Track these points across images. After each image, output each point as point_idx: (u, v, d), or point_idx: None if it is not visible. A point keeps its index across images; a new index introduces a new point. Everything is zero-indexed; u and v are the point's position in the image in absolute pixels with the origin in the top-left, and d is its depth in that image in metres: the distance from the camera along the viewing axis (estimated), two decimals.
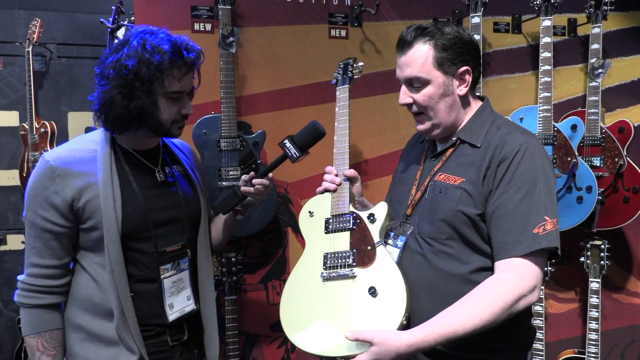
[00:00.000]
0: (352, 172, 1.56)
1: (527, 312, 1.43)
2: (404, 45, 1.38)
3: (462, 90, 1.38)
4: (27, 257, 1.39)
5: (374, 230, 1.46)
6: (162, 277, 1.43)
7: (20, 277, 1.40)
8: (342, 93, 1.76)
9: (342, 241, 1.49)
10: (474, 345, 1.33)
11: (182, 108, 1.41)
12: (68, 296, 1.43)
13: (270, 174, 1.56)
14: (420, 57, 1.35)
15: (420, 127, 1.43)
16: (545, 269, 2.44)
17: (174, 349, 1.48)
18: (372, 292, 1.35)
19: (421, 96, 1.37)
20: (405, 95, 1.41)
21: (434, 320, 1.24)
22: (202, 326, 1.57)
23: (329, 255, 1.47)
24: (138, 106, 1.33)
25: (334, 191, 1.56)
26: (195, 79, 1.45)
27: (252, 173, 1.56)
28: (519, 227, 1.26)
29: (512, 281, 1.24)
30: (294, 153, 1.51)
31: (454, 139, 1.42)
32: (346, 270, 1.42)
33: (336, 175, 1.57)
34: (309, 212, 1.59)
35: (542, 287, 2.52)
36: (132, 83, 1.32)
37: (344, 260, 1.44)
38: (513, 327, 1.34)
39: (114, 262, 1.35)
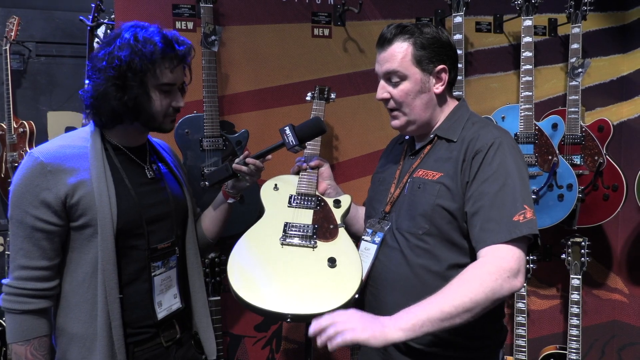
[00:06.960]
0: (316, 163, 1.69)
1: (500, 311, 1.45)
2: (384, 42, 1.42)
3: (439, 88, 1.41)
4: (13, 260, 1.32)
5: (338, 214, 1.58)
6: (152, 274, 1.44)
7: (5, 281, 1.34)
8: (319, 106, 1.98)
9: (304, 216, 1.56)
10: (449, 343, 1.34)
11: (173, 101, 1.44)
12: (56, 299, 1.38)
13: (268, 156, 1.59)
14: (399, 53, 1.39)
15: (395, 122, 1.46)
16: (528, 265, 2.48)
17: (168, 349, 1.48)
18: (332, 262, 1.42)
19: (398, 92, 1.40)
20: (382, 90, 1.44)
21: (412, 307, 1.17)
22: (192, 323, 1.60)
23: (290, 224, 1.53)
24: (132, 97, 1.34)
25: (304, 171, 1.67)
26: (186, 75, 1.48)
27: (246, 152, 1.59)
28: (499, 216, 1.25)
29: (491, 263, 1.21)
30: (291, 141, 1.54)
31: (431, 136, 1.45)
32: (307, 240, 1.49)
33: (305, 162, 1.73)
34: (275, 184, 1.66)
35: (525, 285, 2.55)
36: (125, 74, 1.33)
37: (305, 231, 1.51)
38: (487, 324, 1.36)
39: (105, 261, 1.33)
